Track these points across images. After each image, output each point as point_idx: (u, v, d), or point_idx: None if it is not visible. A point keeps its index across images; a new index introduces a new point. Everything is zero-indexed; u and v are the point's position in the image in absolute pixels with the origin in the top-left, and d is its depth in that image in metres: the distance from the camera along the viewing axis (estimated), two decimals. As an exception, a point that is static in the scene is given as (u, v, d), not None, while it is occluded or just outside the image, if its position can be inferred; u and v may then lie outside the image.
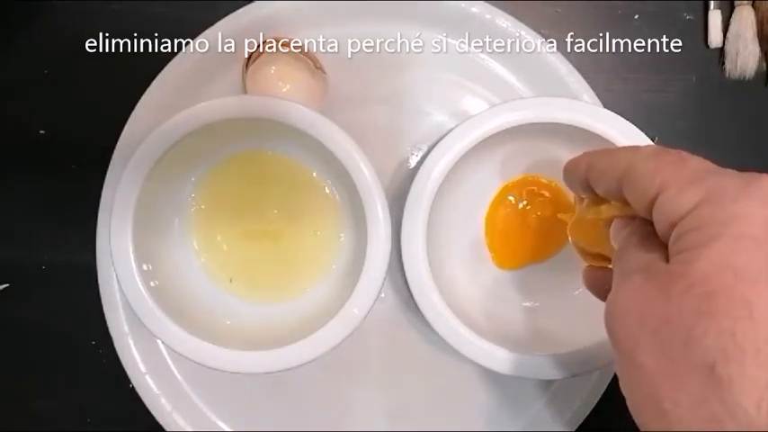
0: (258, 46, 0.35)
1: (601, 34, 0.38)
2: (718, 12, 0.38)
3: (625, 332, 0.20)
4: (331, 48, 0.36)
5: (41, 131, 0.37)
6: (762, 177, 0.19)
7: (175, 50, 0.35)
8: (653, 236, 0.21)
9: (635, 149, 0.23)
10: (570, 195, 0.36)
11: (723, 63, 0.38)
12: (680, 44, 0.38)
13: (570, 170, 0.27)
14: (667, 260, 0.20)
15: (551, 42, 0.36)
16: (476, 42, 0.37)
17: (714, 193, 0.19)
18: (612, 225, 0.25)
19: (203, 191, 0.35)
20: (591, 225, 0.27)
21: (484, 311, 0.35)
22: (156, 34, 0.36)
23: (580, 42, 0.38)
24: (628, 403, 0.20)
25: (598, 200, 0.26)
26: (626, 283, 0.21)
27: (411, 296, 0.32)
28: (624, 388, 0.20)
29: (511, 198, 0.36)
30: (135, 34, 0.36)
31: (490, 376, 0.37)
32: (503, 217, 0.36)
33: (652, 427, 0.19)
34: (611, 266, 0.26)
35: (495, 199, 0.36)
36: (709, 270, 0.18)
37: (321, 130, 0.31)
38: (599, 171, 0.24)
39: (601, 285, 0.28)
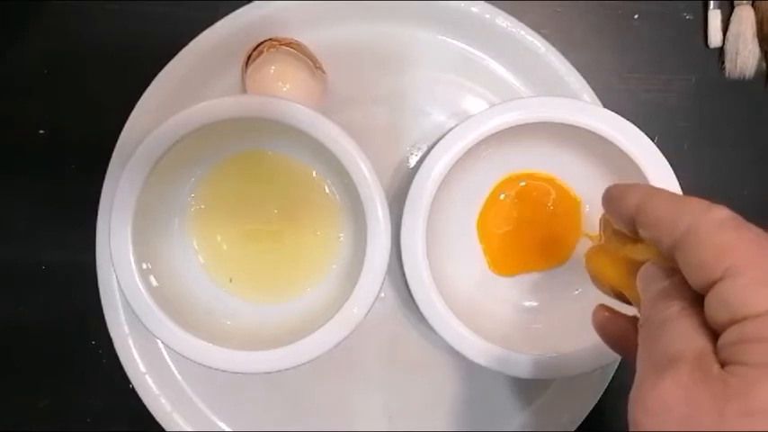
0: (258, 46, 0.35)
1: (601, 34, 0.38)
2: (718, 12, 0.38)
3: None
4: (331, 48, 0.36)
5: (41, 131, 0.37)
6: None
7: (175, 50, 0.35)
8: (700, 306, 0.18)
9: (705, 209, 0.19)
10: (568, 189, 0.36)
11: (723, 63, 0.38)
12: (680, 44, 0.38)
13: (615, 199, 0.23)
14: (717, 353, 0.18)
15: (551, 42, 0.36)
16: (476, 42, 0.37)
17: None
18: (645, 269, 0.21)
19: (203, 191, 0.35)
20: (618, 259, 0.24)
21: (484, 311, 0.35)
22: (156, 34, 0.36)
23: (580, 42, 0.38)
24: None
25: (635, 237, 0.22)
26: (668, 372, 0.18)
27: (411, 296, 0.32)
28: None
29: (502, 196, 0.36)
30: (135, 34, 0.36)
31: (490, 376, 0.37)
32: (496, 223, 0.36)
33: None
34: (625, 310, 0.24)
35: (486, 202, 0.36)
36: None
37: (321, 129, 0.31)
38: (653, 218, 0.20)
39: (615, 334, 0.25)
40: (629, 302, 0.24)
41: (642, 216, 0.21)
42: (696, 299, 0.19)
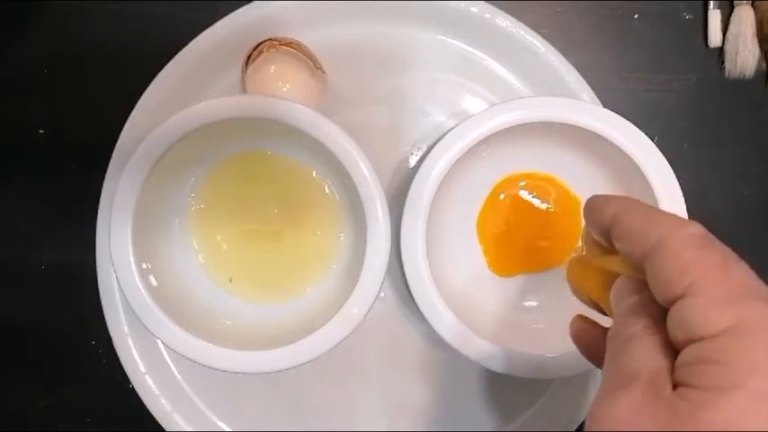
0: (258, 46, 0.35)
1: (601, 34, 0.38)
2: (718, 11, 0.38)
3: None
4: (331, 48, 0.36)
5: (41, 131, 0.37)
6: None
7: (175, 50, 0.35)
8: (665, 324, 0.18)
9: (677, 224, 0.19)
10: (568, 189, 0.36)
11: (723, 63, 0.38)
12: (680, 44, 0.38)
13: (593, 210, 0.23)
14: (674, 373, 0.18)
15: (551, 42, 0.36)
16: (476, 42, 0.37)
17: (748, 326, 0.17)
18: (618, 283, 0.21)
19: (203, 191, 0.35)
20: (595, 270, 0.24)
21: (483, 311, 0.35)
22: (156, 34, 0.36)
23: (580, 42, 0.38)
24: None
25: (612, 249, 0.22)
26: (624, 391, 0.18)
27: (411, 296, 0.32)
28: None
29: (502, 196, 0.36)
30: (135, 34, 0.36)
31: (489, 376, 0.37)
32: (496, 223, 0.36)
33: None
34: (604, 321, 0.24)
35: (486, 202, 0.36)
36: (721, 427, 0.16)
37: (321, 129, 0.31)
38: (626, 231, 0.21)
39: (589, 345, 0.25)
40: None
41: (617, 228, 0.21)
42: (663, 316, 0.19)
